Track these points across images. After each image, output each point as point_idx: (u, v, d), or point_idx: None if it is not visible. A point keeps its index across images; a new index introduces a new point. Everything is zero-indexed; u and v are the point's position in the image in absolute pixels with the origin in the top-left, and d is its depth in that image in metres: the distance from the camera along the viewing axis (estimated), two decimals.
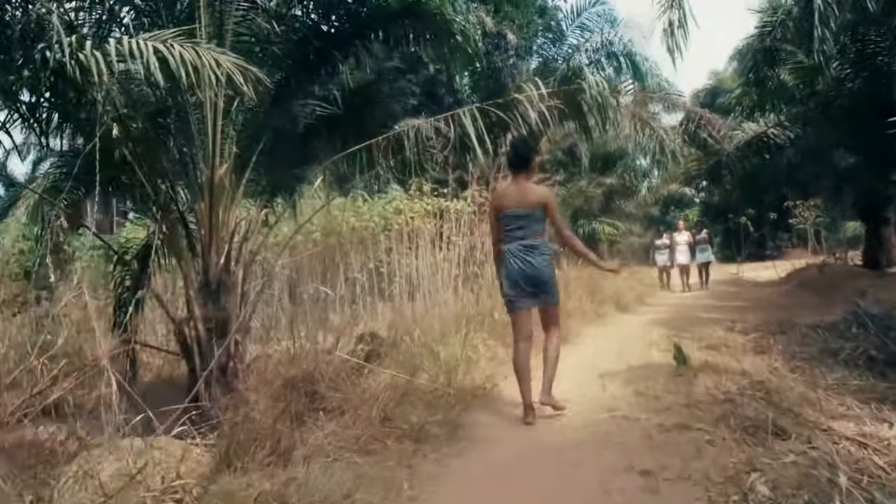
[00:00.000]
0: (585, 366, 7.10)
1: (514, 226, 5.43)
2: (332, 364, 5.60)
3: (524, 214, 5.39)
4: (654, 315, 12.35)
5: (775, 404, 5.00)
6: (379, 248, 13.15)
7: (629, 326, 10.97)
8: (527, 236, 5.39)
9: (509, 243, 5.45)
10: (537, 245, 5.40)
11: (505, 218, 5.48)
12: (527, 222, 5.40)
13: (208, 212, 7.13)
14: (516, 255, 5.37)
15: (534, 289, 5.41)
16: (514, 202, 5.45)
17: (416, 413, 4.98)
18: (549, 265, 5.48)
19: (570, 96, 8.36)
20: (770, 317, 10.75)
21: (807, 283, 16.20)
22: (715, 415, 4.77)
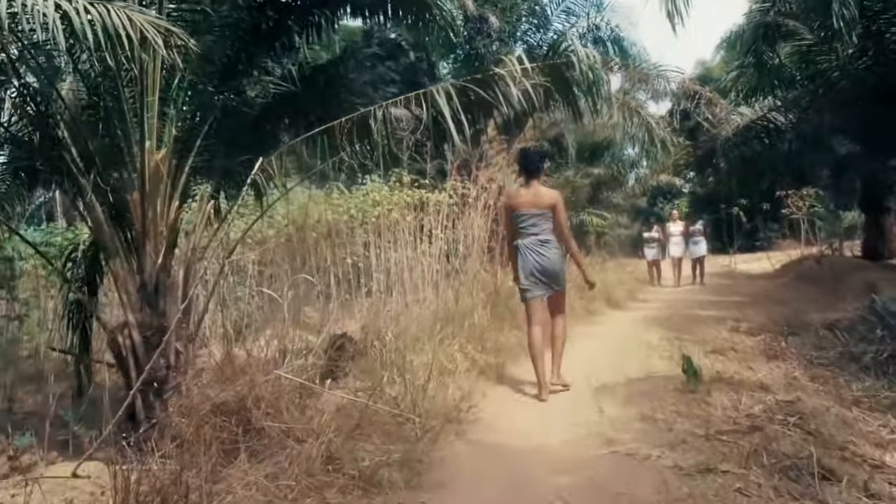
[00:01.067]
0: (577, 378, 6.08)
1: (527, 224, 5.99)
2: (275, 382, 4.53)
3: (537, 214, 5.96)
4: (649, 312, 11.35)
5: (813, 433, 4.01)
6: (356, 242, 12.22)
7: (623, 326, 9.96)
8: (540, 233, 5.95)
9: (524, 239, 6.00)
10: (549, 239, 5.96)
11: (519, 217, 6.03)
12: (539, 220, 5.97)
13: (141, 203, 6.09)
14: (531, 249, 5.94)
15: (546, 279, 5.95)
16: (527, 203, 6.03)
17: (371, 448, 3.94)
18: (559, 258, 6.05)
19: (556, 72, 7.35)
20: (774, 314, 9.81)
21: (805, 275, 15.22)
22: (743, 450, 3.77)
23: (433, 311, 8.43)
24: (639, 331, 9.05)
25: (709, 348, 7.19)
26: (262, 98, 7.90)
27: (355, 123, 6.90)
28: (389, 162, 7.66)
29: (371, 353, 6.89)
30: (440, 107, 6.63)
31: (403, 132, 7.40)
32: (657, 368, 6.37)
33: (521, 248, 6.01)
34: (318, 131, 6.94)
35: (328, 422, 4.12)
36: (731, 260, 20.53)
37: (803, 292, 12.93)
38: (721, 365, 6.43)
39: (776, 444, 3.78)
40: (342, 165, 9.50)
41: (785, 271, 17.39)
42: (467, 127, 6.85)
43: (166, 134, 6.44)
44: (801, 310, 9.68)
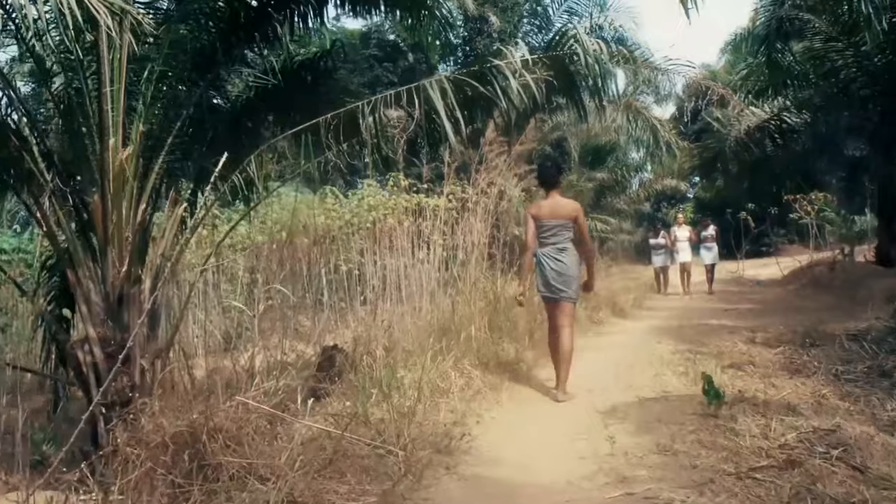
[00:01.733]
0: (585, 398, 5.48)
1: (548, 233, 6.25)
2: (239, 409, 3.93)
3: (557, 224, 6.22)
4: (657, 322, 10.73)
5: (861, 469, 3.41)
6: (350, 249, 11.69)
7: (630, 336, 9.35)
8: (559, 242, 6.22)
9: (543, 248, 6.27)
10: (567, 248, 6.21)
11: (541, 227, 6.27)
12: (559, 230, 6.22)
13: (102, 205, 5.50)
14: (549, 257, 6.21)
15: (561, 284, 6.15)
16: (548, 213, 6.27)
17: (344, 490, 3.34)
18: (574, 264, 6.25)
19: (559, 64, 6.77)
20: (791, 323, 9.20)
21: (818, 281, 14.62)
22: (783, 492, 3.16)
23: (428, 322, 7.85)
24: (648, 342, 8.44)
25: (726, 362, 6.58)
26: (244, 94, 7.33)
27: (342, 121, 6.30)
28: (380, 162, 7.04)
29: (361, 367, 6.32)
30: (433, 103, 6.06)
31: (395, 129, 6.84)
32: (672, 387, 5.75)
33: (539, 256, 6.30)
34: (301, 129, 6.36)
35: (297, 456, 3.51)
36: (739, 266, 19.87)
37: (818, 300, 12.33)
38: (741, 381, 5.84)
39: (821, 484, 3.17)
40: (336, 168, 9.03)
41: (795, 277, 16.78)
42: (463, 124, 6.27)
43: (133, 130, 5.86)
44: (818, 318, 9.08)
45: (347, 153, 6.92)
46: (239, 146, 6.84)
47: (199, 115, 6.54)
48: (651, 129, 17.75)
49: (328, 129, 6.30)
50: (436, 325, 7.59)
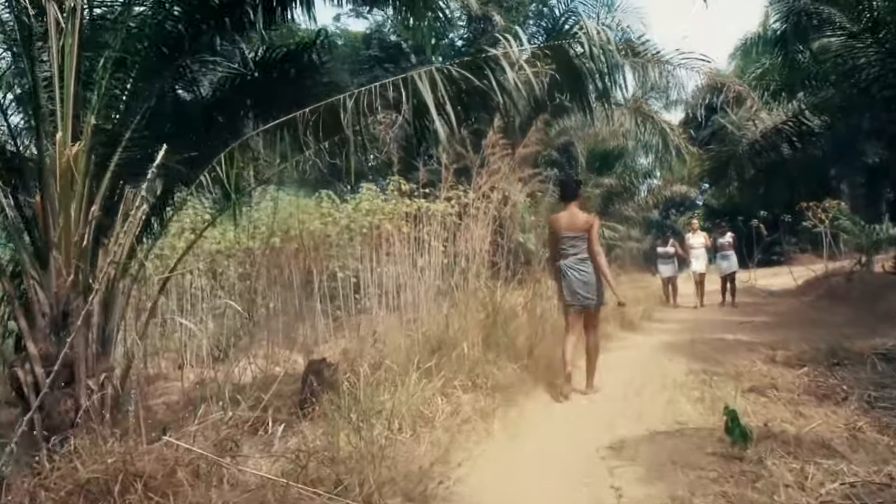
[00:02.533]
0: (589, 429, 4.78)
1: (567, 245, 6.59)
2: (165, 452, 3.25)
3: (575, 236, 6.54)
4: (667, 336, 9.99)
5: None
6: (347, 255, 11.11)
7: (640, 352, 8.64)
8: (578, 252, 6.53)
9: (565, 259, 6.58)
10: (587, 258, 6.51)
11: (560, 239, 6.61)
12: (577, 241, 6.54)
13: (42, 207, 4.87)
14: (572, 268, 6.53)
15: (587, 293, 6.48)
16: (566, 226, 6.60)
17: None
18: (594, 272, 6.53)
19: (562, 56, 6.08)
20: (810, 338, 8.50)
21: (835, 293, 13.86)
22: None
23: (423, 335, 7.20)
24: (659, 360, 7.74)
25: (745, 385, 5.88)
26: (219, 87, 6.69)
27: (321, 116, 5.64)
28: (365, 163, 6.36)
29: (342, 387, 5.66)
30: (423, 96, 5.40)
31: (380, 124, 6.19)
32: (687, 415, 5.04)
33: (563, 267, 6.59)
34: (276, 125, 5.72)
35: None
36: (751, 275, 19.08)
37: (836, 312, 11.59)
38: (764, 409, 5.14)
39: None
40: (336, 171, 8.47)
41: (810, 288, 16.02)
42: (455, 121, 5.60)
43: (86, 124, 5.22)
44: (840, 334, 8.37)
45: (328, 152, 6.25)
46: (213, 143, 6.20)
47: (163, 107, 5.90)
48: (660, 133, 17.04)
49: (306, 125, 5.65)
50: (430, 339, 6.95)
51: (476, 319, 7.46)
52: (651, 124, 17.20)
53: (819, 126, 11.64)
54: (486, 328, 7.27)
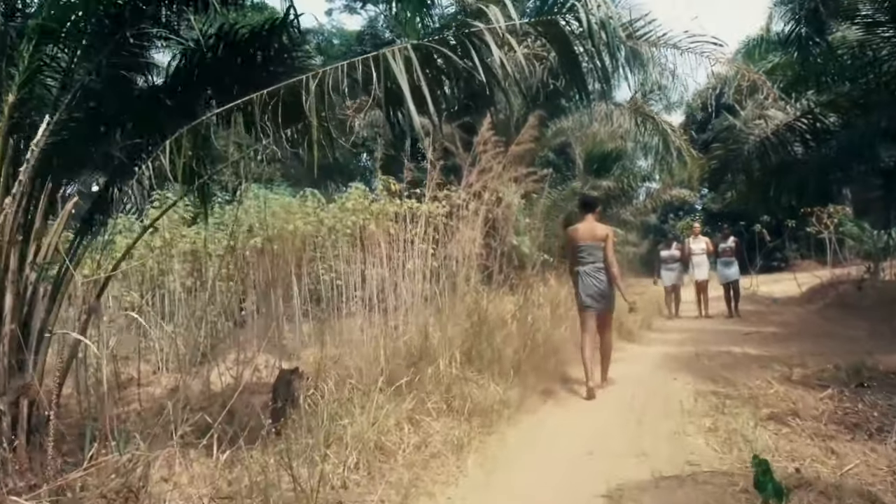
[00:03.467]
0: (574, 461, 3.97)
1: (585, 254, 7.01)
2: None
3: (593, 245, 7.00)
4: (670, 348, 9.18)
5: None
6: (332, 258, 10.41)
7: (639, 367, 7.84)
8: (595, 260, 6.97)
9: (583, 266, 7.00)
10: (602, 267, 6.94)
11: (579, 248, 7.05)
12: (594, 250, 6.99)
13: None
14: (590, 275, 6.96)
15: (601, 298, 6.95)
16: (585, 236, 7.05)
17: None
18: (609, 280, 6.96)
19: (556, 31, 5.28)
20: (825, 351, 7.74)
21: (844, 301, 13.06)
22: None
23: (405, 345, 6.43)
24: (661, 378, 6.94)
25: (763, 411, 5.09)
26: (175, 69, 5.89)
27: (281, 99, 4.85)
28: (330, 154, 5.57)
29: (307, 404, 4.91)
30: (395, 74, 4.62)
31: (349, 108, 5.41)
32: (699, 453, 4.22)
33: (580, 273, 7.01)
34: (228, 108, 4.95)
35: None
36: (752, 282, 18.25)
37: (848, 323, 10.80)
38: (787, 442, 4.36)
39: None
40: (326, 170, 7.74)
41: (815, 296, 15.21)
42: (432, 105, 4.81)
43: (4, 103, 4.46)
44: (858, 348, 7.59)
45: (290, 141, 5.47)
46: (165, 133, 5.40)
47: (105, 90, 5.12)
48: (661, 134, 16.23)
49: (263, 109, 4.87)
50: (411, 349, 6.18)
51: (461, 329, 6.69)
52: (651, 124, 16.41)
53: (835, 124, 10.70)
54: (470, 339, 6.50)
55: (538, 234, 14.79)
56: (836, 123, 10.65)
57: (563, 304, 9.35)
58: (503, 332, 7.40)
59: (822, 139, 10.84)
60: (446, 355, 5.51)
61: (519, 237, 13.93)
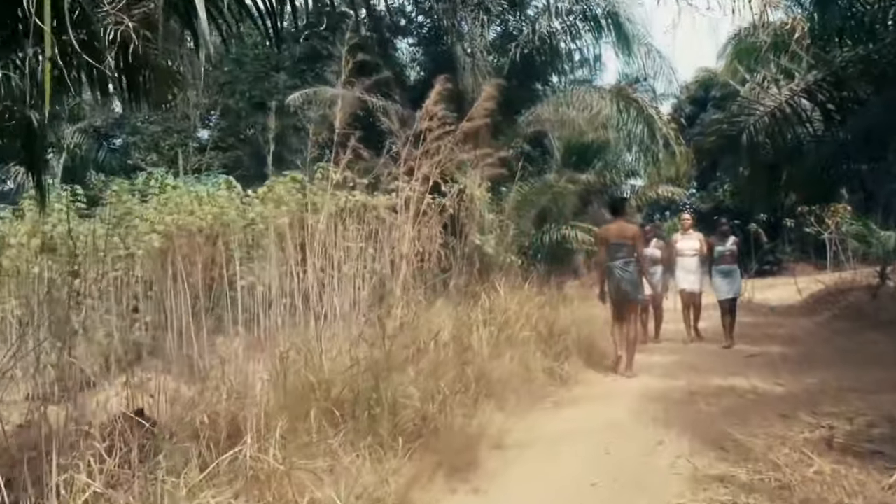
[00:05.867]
0: None
1: (615, 251, 7.64)
2: None
3: (622, 244, 7.62)
4: (653, 381, 6.78)
5: None
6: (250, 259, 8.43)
7: (611, 412, 5.44)
8: (625, 256, 7.58)
9: (613, 262, 7.63)
10: (631, 261, 7.60)
11: (610, 246, 7.70)
12: (624, 248, 7.60)
13: None
14: (619, 269, 7.58)
15: (630, 289, 7.58)
16: (615, 235, 7.70)
17: None
18: (637, 274, 7.67)
19: None
20: (859, 385, 5.64)
21: (857, 312, 10.90)
22: None
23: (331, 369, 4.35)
24: (641, 438, 4.58)
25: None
26: None
27: None
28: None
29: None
30: None
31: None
32: None
33: (612, 268, 7.64)
34: None
35: None
36: (748, 287, 15.97)
37: (870, 341, 8.69)
38: None
39: None
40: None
41: (820, 304, 13.05)
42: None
43: None
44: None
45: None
46: None
47: None
48: (645, 121, 14.07)
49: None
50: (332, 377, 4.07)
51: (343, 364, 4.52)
52: (635, 109, 14.25)
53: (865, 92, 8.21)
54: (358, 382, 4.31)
55: (506, 233, 12.72)
56: (866, 91, 8.20)
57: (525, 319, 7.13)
58: (421, 364, 5.25)
59: (850, 111, 8.33)
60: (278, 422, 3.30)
61: (483, 236, 11.81)
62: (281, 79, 14.07)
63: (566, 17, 14.84)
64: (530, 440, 4.49)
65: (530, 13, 15.56)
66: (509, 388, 5.40)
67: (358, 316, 7.86)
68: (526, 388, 5.60)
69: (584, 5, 14.38)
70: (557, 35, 14.99)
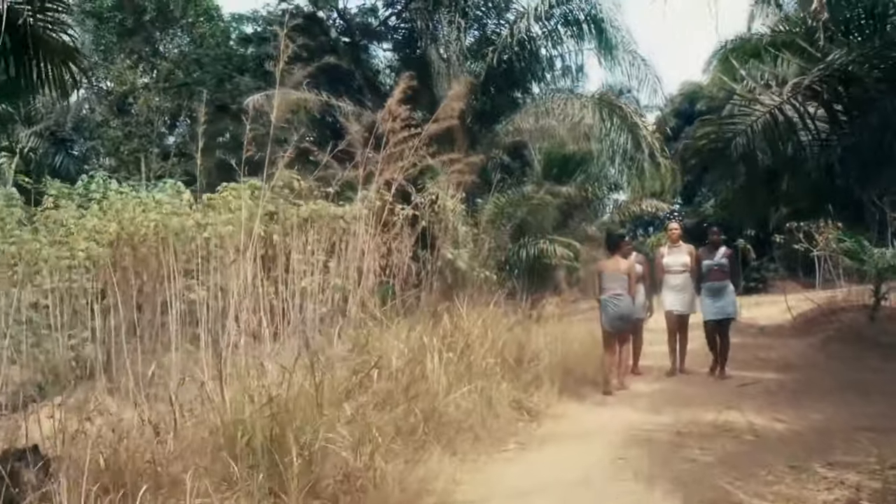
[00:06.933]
0: None
1: (609, 284, 7.85)
2: None
3: (617, 277, 7.85)
4: (636, 415, 5.82)
5: None
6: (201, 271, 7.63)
7: (586, 459, 4.56)
8: (617, 289, 7.78)
9: (606, 294, 7.81)
10: (623, 294, 7.77)
11: (605, 278, 7.93)
12: (615, 282, 7.82)
13: None
14: (612, 301, 7.75)
15: (621, 321, 7.80)
16: (611, 269, 7.97)
17: None
18: (629, 305, 7.86)
19: None
20: (876, 423, 4.83)
21: (854, 334, 10.11)
22: None
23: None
24: (619, 499, 3.71)
25: None
26: None
27: None
28: None
29: None
30: None
31: None
32: None
33: (604, 301, 7.81)
34: None
35: None
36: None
37: (871, 366, 7.94)
38: None
39: None
40: None
41: (811, 325, 12.23)
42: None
43: None
44: None
45: None
46: None
47: None
48: (630, 129, 13.33)
49: None
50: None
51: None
52: (619, 118, 13.51)
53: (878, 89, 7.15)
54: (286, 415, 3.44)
55: (481, 247, 11.89)
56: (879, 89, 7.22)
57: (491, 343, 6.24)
58: (364, 398, 4.39)
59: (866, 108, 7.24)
60: None
61: (455, 251, 10.98)
62: (244, 81, 13.23)
63: (546, 22, 14.11)
64: (483, 497, 3.62)
65: (510, 17, 14.82)
66: (466, 427, 4.53)
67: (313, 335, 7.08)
68: (487, 425, 4.73)
69: (565, 8, 13.70)
70: (538, 40, 14.26)
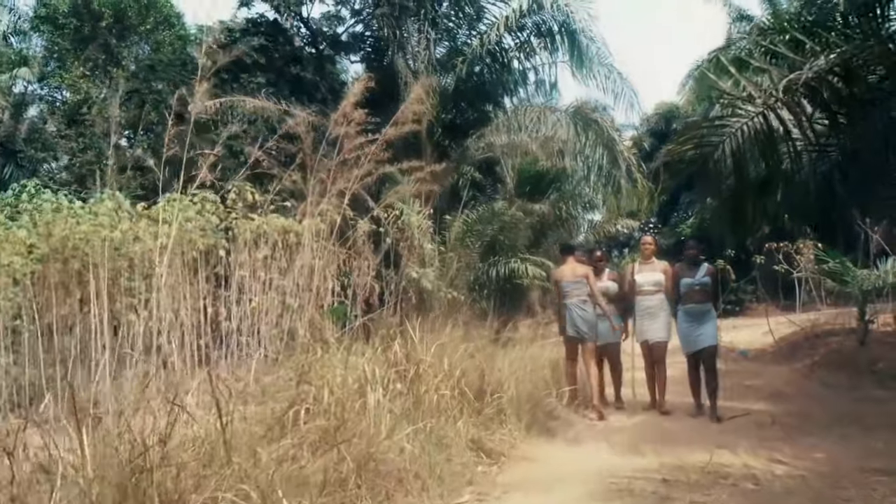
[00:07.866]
0: None
1: (569, 290, 7.53)
2: None
3: (576, 283, 7.54)
4: (613, 457, 5.05)
5: None
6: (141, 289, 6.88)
7: None
8: (580, 294, 7.48)
9: (569, 300, 7.47)
10: (586, 300, 7.47)
11: (564, 285, 7.60)
12: (577, 288, 7.50)
13: None
14: (576, 307, 7.41)
15: (585, 328, 7.40)
16: (569, 276, 7.63)
17: None
18: (593, 313, 7.49)
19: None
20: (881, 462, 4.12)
21: (843, 360, 9.42)
22: None
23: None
24: None
25: None
26: None
27: None
28: None
29: None
30: None
31: None
32: None
33: (568, 306, 7.46)
34: None
35: None
36: None
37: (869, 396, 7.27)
38: None
39: None
40: None
41: (795, 350, 11.55)
42: None
43: None
44: None
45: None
46: None
47: None
48: (605, 144, 12.69)
49: None
50: None
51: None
52: (594, 133, 12.86)
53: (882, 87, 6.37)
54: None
55: (449, 266, 11.15)
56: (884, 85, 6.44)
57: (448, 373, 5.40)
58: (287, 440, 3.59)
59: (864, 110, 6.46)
60: None
61: (420, 270, 10.25)
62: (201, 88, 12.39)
63: (519, 32, 13.46)
64: None
65: (482, 27, 14.16)
66: (410, 476, 3.72)
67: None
68: (437, 472, 3.93)
69: (538, 18, 13.07)
70: (510, 52, 13.63)
